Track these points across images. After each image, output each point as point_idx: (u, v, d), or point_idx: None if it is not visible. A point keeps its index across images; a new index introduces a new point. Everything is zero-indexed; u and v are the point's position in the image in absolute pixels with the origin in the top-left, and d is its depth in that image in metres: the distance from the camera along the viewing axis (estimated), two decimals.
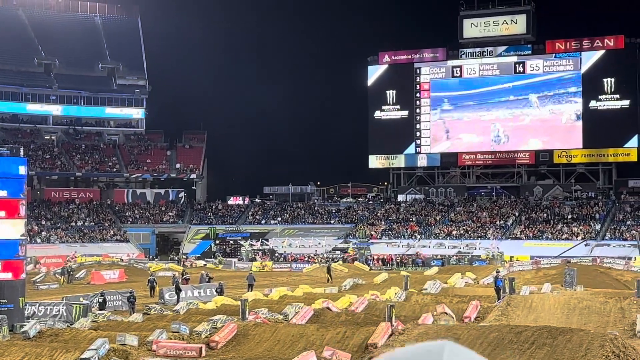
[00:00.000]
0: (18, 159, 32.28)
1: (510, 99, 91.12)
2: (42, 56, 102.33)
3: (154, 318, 33.27)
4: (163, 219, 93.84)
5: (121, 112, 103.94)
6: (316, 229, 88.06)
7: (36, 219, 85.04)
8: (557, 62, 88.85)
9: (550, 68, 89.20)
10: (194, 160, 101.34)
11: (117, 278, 57.79)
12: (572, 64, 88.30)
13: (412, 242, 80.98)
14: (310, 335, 26.47)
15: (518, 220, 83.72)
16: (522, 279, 47.90)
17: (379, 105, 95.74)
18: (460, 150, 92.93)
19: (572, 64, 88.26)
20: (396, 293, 39.62)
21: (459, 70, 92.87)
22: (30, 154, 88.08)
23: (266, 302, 37.57)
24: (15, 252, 31.72)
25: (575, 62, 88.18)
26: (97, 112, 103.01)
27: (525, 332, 23.69)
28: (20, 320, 31.22)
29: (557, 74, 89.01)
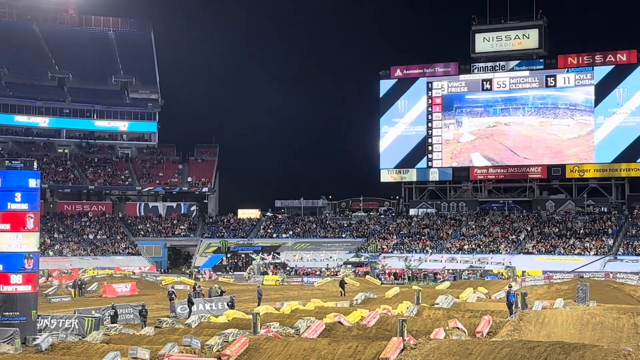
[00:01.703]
0: (31, 172, 32.43)
1: (522, 114, 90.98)
2: (56, 70, 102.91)
3: (166, 331, 33.28)
4: (175, 232, 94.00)
5: (134, 126, 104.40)
6: (328, 243, 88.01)
7: (49, 232, 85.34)
8: (570, 77, 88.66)
9: (562, 83, 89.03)
10: (206, 173, 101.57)
11: (129, 291, 57.83)
12: (584, 79, 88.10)
13: (423, 256, 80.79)
14: (321, 350, 26.41)
15: (530, 235, 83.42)
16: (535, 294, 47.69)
17: (390, 120, 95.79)
18: (472, 165, 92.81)
19: (585, 78, 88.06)
20: (408, 307, 39.49)
21: (471, 85, 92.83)
22: (44, 167, 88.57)
23: (278, 316, 37.51)
24: (20, 265, 31.80)
25: (587, 76, 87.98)
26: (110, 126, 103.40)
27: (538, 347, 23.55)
28: (32, 333, 31.30)
29: (569, 88, 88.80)
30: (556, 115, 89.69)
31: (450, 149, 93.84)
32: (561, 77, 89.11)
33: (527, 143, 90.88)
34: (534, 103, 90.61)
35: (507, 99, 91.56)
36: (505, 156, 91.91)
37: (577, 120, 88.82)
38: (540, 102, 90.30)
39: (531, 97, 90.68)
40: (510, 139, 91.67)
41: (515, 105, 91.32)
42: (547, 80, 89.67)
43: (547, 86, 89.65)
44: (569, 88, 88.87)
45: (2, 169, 32.51)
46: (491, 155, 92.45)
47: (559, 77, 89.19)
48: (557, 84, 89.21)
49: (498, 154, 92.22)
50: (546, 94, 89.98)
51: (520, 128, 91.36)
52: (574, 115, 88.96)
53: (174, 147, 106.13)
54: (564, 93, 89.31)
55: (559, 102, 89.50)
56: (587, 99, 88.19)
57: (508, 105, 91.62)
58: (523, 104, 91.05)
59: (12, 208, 31.71)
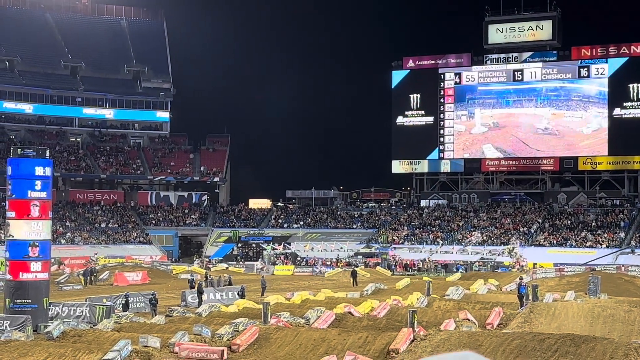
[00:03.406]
0: (41, 160, 32.51)
1: (535, 105, 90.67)
2: (69, 59, 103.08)
3: (176, 320, 33.38)
4: (186, 221, 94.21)
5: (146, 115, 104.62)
6: (338, 234, 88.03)
7: (61, 220, 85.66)
8: (583, 69, 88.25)
9: (575, 74, 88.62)
10: (217, 163, 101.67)
11: (140, 280, 58.06)
12: (598, 71, 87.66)
13: (434, 247, 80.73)
14: (331, 340, 26.44)
15: (542, 227, 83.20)
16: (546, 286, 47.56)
17: (402, 111, 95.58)
18: (484, 157, 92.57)
19: (598, 70, 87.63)
20: (418, 299, 39.48)
21: (484, 76, 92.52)
22: (56, 155, 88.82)
23: (288, 306, 37.57)
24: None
25: (601, 68, 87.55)
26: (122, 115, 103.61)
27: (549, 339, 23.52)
28: (44, 320, 31.46)
29: (583, 80, 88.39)
30: (569, 107, 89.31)
31: (462, 140, 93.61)
32: (574, 68, 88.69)
33: (540, 135, 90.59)
34: (546, 95, 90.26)
35: (519, 90, 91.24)
36: (517, 148, 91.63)
37: (590, 112, 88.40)
38: (553, 94, 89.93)
39: (544, 88, 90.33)
40: (523, 131, 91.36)
41: (528, 96, 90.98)
42: (560, 72, 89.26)
43: (560, 78, 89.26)
44: (583, 80, 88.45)
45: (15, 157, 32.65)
46: (503, 147, 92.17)
47: (572, 68, 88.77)
48: (571, 76, 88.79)
49: (510, 146, 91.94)
50: (559, 85, 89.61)
51: (533, 120, 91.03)
52: (587, 107, 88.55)
53: (186, 137, 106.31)
54: (577, 85, 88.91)
55: (572, 94, 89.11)
56: (601, 91, 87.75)
57: (521, 96, 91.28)
58: (536, 96, 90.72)
59: (16, 196, 31.89)
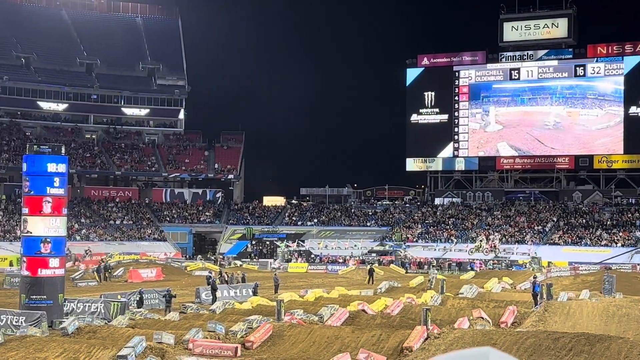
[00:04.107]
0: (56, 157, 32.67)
1: (550, 103, 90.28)
2: (84, 56, 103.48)
3: (191, 317, 33.49)
4: (200, 218, 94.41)
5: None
6: (352, 231, 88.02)
7: (76, 217, 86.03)
8: (599, 67, 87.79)
9: (591, 72, 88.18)
10: (231, 160, 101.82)
11: (155, 276, 58.23)
12: (613, 69, 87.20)
13: (448, 245, 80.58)
14: (345, 337, 26.44)
15: (556, 225, 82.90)
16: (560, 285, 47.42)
17: (416, 108, 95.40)
18: (499, 155, 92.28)
19: (614, 68, 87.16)
20: (432, 297, 39.44)
21: (499, 74, 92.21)
22: (71, 152, 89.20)
23: (301, 303, 37.61)
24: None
25: (617, 66, 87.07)
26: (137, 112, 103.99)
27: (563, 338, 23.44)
28: (59, 316, 31.60)
29: (598, 78, 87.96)
30: (584, 106, 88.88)
31: (477, 139, 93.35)
32: (590, 66, 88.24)
33: (555, 133, 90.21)
34: (562, 93, 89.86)
35: (535, 88, 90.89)
36: (532, 146, 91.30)
37: (606, 111, 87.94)
38: (569, 92, 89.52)
39: (559, 86, 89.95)
40: (538, 129, 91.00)
41: (543, 94, 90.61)
42: (575, 70, 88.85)
43: (576, 76, 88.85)
44: (598, 78, 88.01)
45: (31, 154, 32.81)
46: (518, 145, 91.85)
47: (588, 66, 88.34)
48: (586, 74, 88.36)
49: (525, 144, 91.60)
50: (575, 83, 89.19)
51: (548, 118, 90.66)
52: (603, 105, 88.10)
53: (200, 134, 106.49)
54: (593, 83, 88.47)
55: (588, 92, 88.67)
56: (617, 89, 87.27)
57: (536, 94, 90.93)
58: (551, 94, 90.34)
59: (29, 192, 32.07)
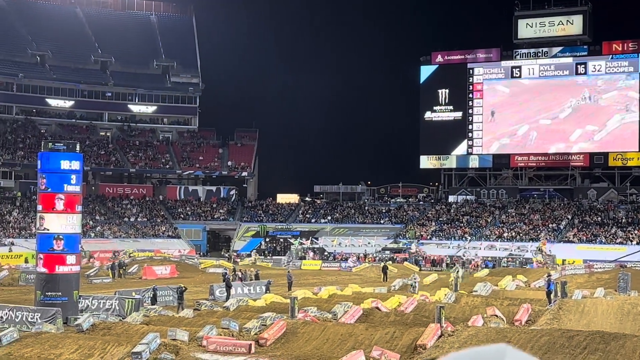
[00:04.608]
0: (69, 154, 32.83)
1: (565, 101, 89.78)
2: (99, 54, 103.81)
3: (205, 314, 33.58)
4: (214, 216, 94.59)
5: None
6: (366, 229, 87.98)
7: (90, 214, 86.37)
8: (614, 64, 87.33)
9: (606, 70, 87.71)
10: (245, 158, 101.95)
11: (169, 274, 58.41)
12: (629, 66, 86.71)
13: (462, 243, 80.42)
14: (359, 335, 26.46)
15: (571, 223, 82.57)
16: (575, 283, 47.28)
17: (430, 106, 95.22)
18: (513, 152, 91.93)
19: (630, 65, 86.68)
20: (446, 294, 39.41)
21: (513, 71, 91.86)
22: (86, 149, 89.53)
23: (315, 300, 37.66)
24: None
25: (632, 63, 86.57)
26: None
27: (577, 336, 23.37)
28: (74, 313, 31.78)
29: (613, 75, 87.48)
30: (599, 103, 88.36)
31: (491, 136, 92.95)
32: (605, 63, 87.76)
33: (569, 130, 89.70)
34: (577, 90, 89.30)
35: (550, 85, 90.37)
36: (546, 144, 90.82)
37: (621, 108, 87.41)
38: (584, 89, 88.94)
39: (574, 84, 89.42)
40: (552, 127, 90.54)
41: (558, 92, 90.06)
42: (590, 67, 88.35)
43: (591, 73, 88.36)
44: (613, 74, 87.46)
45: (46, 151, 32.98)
46: (532, 143, 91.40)
47: (603, 63, 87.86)
48: (601, 71, 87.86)
49: (539, 142, 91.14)
50: (589, 81, 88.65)
51: (563, 115, 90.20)
52: (618, 102, 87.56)
53: (214, 131, 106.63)
54: (608, 79, 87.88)
55: (602, 89, 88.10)
56: (631, 86, 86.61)
57: (551, 92, 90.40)
58: (566, 92, 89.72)
59: (46, 190, 32.27)
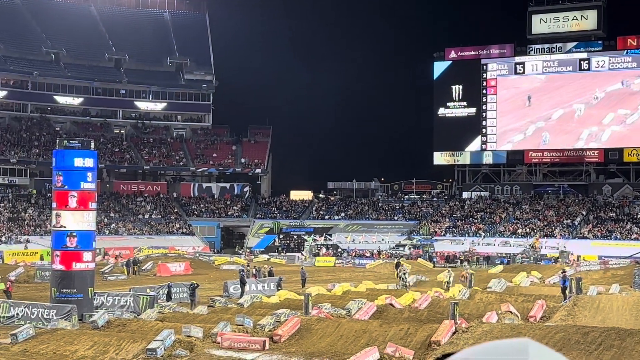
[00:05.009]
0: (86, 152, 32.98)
1: (579, 96, 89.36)
2: (113, 51, 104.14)
3: (219, 310, 33.65)
4: (228, 212, 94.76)
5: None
6: (380, 225, 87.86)
7: (105, 211, 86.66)
8: (629, 59, 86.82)
9: (621, 65, 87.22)
10: (259, 154, 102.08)
11: (183, 270, 58.54)
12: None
13: (476, 239, 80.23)
14: (373, 331, 26.45)
15: (586, 219, 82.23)
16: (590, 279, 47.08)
17: (444, 102, 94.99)
18: (527, 148, 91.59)
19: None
20: (460, 291, 39.34)
21: (527, 67, 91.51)
22: (100, 147, 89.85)
23: (329, 297, 37.67)
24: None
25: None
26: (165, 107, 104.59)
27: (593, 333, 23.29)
28: (89, 310, 31.94)
29: (628, 70, 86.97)
30: (614, 98, 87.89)
31: (505, 132, 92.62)
32: (620, 59, 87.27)
33: (584, 126, 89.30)
34: (591, 85, 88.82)
35: (563, 80, 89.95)
36: (560, 140, 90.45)
37: (636, 103, 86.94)
38: (599, 85, 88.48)
39: (588, 79, 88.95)
40: (566, 122, 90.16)
41: (572, 87, 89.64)
42: (605, 62, 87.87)
43: (605, 68, 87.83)
44: (628, 69, 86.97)
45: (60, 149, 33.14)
46: (547, 139, 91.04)
47: (617, 59, 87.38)
48: (615, 66, 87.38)
49: (554, 138, 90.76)
50: (604, 76, 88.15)
51: (576, 110, 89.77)
52: (633, 97, 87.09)
53: (228, 128, 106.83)
54: (623, 74, 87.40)
55: (617, 85, 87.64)
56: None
57: (564, 87, 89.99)
58: (580, 87, 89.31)
59: (62, 187, 32.45)
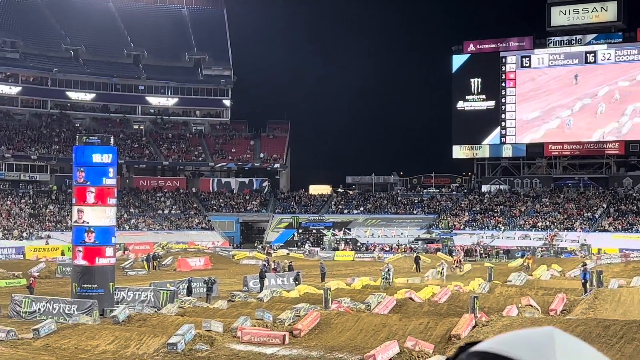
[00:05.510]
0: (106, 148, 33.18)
1: (600, 88, 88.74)
2: (131, 47, 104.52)
3: (238, 305, 33.76)
4: (247, 207, 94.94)
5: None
6: (399, 219, 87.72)
7: (125, 207, 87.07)
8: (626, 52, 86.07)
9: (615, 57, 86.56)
10: (277, 149, 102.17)
11: (203, 265, 58.78)
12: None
13: (496, 233, 79.94)
14: (392, 325, 26.45)
15: (606, 212, 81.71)
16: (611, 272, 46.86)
17: (463, 95, 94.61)
18: (547, 141, 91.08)
19: None
20: (480, 284, 39.25)
21: (547, 59, 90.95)
22: (120, 143, 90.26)
23: (349, 291, 37.70)
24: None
25: None
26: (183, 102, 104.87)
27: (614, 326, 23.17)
28: (110, 304, 32.16)
29: None
30: (635, 89, 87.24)
31: (524, 125, 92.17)
32: (615, 52, 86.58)
33: (604, 118, 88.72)
34: (612, 77, 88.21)
35: (583, 72, 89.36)
36: (580, 132, 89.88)
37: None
38: (619, 76, 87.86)
39: (609, 71, 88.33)
40: (587, 114, 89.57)
41: (592, 79, 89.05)
42: (625, 54, 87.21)
43: (625, 59, 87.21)
44: None
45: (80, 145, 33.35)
46: (565, 131, 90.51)
47: (638, 50, 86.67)
48: (637, 58, 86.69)
49: (573, 130, 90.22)
50: (624, 68, 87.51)
51: (596, 102, 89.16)
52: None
53: (246, 124, 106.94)
54: None
55: (638, 76, 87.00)
56: None
57: (584, 79, 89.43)
58: (601, 79, 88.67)
59: (82, 183, 32.69)
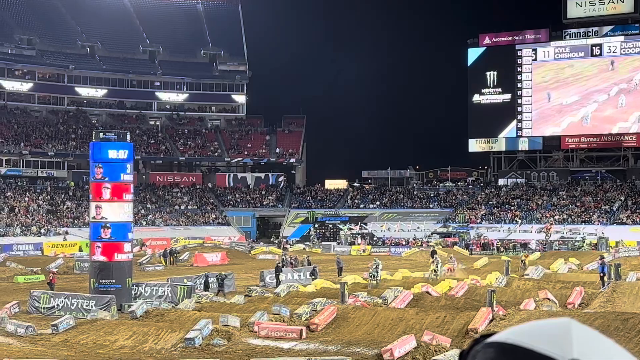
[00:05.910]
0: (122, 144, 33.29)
1: (615, 80, 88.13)
2: (147, 43, 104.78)
3: (255, 300, 33.86)
4: (263, 202, 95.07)
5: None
6: (415, 214, 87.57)
7: (142, 203, 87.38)
8: None
9: None
10: (293, 144, 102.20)
11: (219, 260, 58.94)
12: None
13: (512, 226, 79.68)
14: (409, 319, 26.42)
15: (624, 205, 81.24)
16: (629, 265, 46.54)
17: (478, 88, 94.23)
18: (564, 134, 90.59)
19: None
20: (497, 278, 39.15)
21: (563, 51, 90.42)
22: (136, 139, 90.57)
23: (365, 285, 37.71)
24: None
25: None
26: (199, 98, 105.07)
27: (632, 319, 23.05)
28: (127, 300, 32.33)
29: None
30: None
31: (541, 118, 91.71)
32: (620, 44, 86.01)
33: (622, 110, 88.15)
34: (629, 69, 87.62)
35: (599, 65, 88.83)
36: (598, 124, 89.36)
37: None
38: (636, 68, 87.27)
39: (626, 63, 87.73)
40: (604, 107, 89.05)
41: (608, 71, 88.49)
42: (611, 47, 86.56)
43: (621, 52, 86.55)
44: None
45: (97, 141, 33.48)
46: (583, 124, 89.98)
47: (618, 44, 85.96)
48: None
49: (590, 123, 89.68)
50: None
51: (613, 94, 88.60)
52: None
53: (262, 119, 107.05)
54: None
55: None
56: None
57: (600, 72, 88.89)
58: (617, 71, 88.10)
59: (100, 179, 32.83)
